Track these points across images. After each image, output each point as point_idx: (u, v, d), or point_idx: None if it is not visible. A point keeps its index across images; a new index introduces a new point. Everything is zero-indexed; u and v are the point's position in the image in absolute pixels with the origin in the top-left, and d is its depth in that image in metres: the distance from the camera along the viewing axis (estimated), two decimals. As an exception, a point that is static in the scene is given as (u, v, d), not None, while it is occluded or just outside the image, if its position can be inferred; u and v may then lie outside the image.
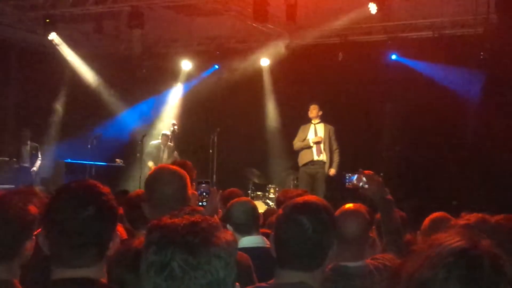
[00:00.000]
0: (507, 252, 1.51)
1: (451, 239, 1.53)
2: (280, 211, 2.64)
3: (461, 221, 2.58)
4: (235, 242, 1.70)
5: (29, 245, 2.67)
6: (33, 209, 2.74)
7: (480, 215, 2.52)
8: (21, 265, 2.65)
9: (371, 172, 3.63)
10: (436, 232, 1.58)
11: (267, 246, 4.06)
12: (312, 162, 11.53)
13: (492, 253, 1.50)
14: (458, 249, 1.50)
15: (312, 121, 11.81)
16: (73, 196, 2.24)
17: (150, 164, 12.90)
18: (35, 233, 2.64)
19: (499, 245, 1.53)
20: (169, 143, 13.41)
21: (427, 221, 4.24)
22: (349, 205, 3.38)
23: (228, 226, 4.33)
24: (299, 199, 2.63)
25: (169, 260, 1.58)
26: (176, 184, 3.16)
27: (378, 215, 3.85)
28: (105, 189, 2.32)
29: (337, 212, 3.34)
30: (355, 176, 3.64)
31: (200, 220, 1.65)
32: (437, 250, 1.52)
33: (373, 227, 3.85)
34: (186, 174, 3.24)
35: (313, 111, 11.78)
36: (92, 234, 2.18)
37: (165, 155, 13.42)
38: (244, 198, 5.11)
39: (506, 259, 1.51)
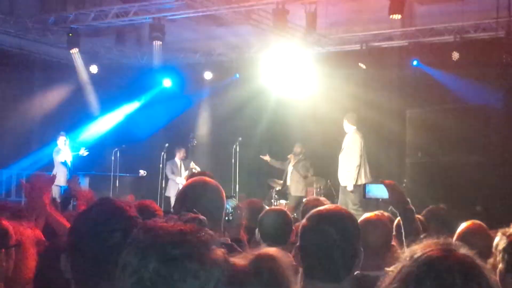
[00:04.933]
0: None
1: (424, 249, 1.48)
2: (305, 222, 2.62)
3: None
4: (225, 265, 1.53)
5: (4, 257, 2.68)
6: (4, 221, 2.76)
7: None
8: None
9: (392, 182, 3.60)
10: (470, 243, 1.53)
11: None
12: None
13: (465, 263, 1.45)
14: (428, 260, 1.45)
15: None
16: (98, 221, 2.12)
17: (179, 180, 13.28)
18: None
19: None
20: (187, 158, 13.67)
21: (461, 230, 4.14)
22: (371, 214, 3.36)
23: (256, 231, 4.30)
24: (323, 209, 2.61)
25: (141, 266, 1.45)
26: (213, 195, 3.06)
27: (397, 220, 3.82)
28: (131, 210, 2.19)
29: (360, 222, 3.34)
30: (375, 186, 3.60)
31: (190, 231, 1.48)
32: (408, 262, 1.48)
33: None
34: (219, 185, 3.14)
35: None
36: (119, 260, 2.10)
37: (183, 169, 13.62)
38: (278, 209, 5.06)
39: (484, 267, 1.46)
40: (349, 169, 11.09)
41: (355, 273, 3.17)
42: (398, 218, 3.45)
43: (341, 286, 2.48)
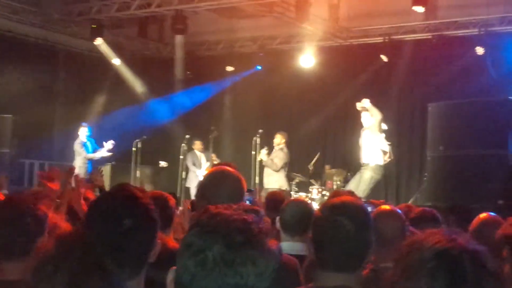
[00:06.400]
0: None
1: (429, 241, 1.50)
2: (318, 212, 2.65)
3: None
4: (279, 255, 1.63)
5: (41, 242, 2.73)
6: (43, 207, 2.82)
7: None
8: None
9: None
10: (484, 236, 1.55)
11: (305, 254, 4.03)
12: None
13: (471, 249, 1.49)
14: (438, 251, 1.48)
15: None
16: (110, 208, 2.15)
17: (199, 172, 13.51)
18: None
19: None
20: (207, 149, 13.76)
21: (475, 223, 4.13)
22: (385, 207, 3.38)
23: (277, 220, 4.32)
24: (336, 200, 2.64)
25: (206, 247, 1.53)
26: (233, 185, 3.08)
27: None
28: (144, 198, 2.20)
29: (374, 213, 3.35)
30: None
31: (252, 221, 1.58)
32: (417, 255, 1.50)
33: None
34: (240, 176, 3.15)
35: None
36: (131, 248, 2.10)
37: (203, 160, 13.73)
38: (300, 199, 5.08)
39: (484, 250, 1.50)
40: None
41: (373, 265, 3.20)
42: None
43: (354, 276, 2.51)
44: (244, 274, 1.52)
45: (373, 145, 11.61)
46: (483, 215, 4.16)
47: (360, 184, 11.53)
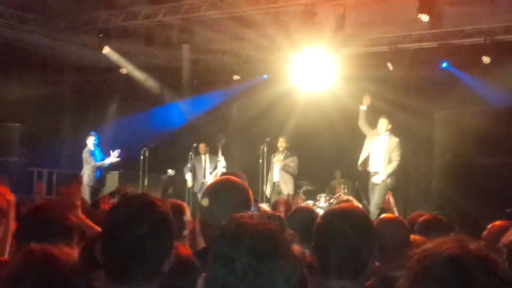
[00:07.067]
0: None
1: (441, 247, 1.52)
2: (319, 220, 2.67)
3: None
4: (302, 259, 1.71)
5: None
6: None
7: None
8: None
9: None
10: (498, 242, 1.56)
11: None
12: None
13: (483, 257, 1.50)
14: (448, 258, 1.50)
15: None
16: (128, 213, 2.19)
17: (188, 176, 13.69)
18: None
19: None
20: (215, 155, 13.71)
21: (490, 230, 4.16)
22: (388, 215, 3.41)
23: None
24: (336, 207, 2.67)
25: (235, 258, 1.59)
26: (240, 196, 3.06)
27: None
28: (163, 206, 2.24)
29: (377, 221, 3.37)
30: None
31: (276, 230, 1.66)
32: (427, 262, 1.52)
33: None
34: (247, 186, 3.15)
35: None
36: (146, 253, 2.14)
37: (208, 164, 13.72)
38: (306, 207, 5.09)
39: (500, 260, 1.51)
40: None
41: (379, 274, 3.21)
42: None
43: (357, 282, 2.52)
44: (272, 281, 1.59)
45: (384, 154, 11.52)
46: (497, 222, 4.17)
47: (375, 193, 11.38)
